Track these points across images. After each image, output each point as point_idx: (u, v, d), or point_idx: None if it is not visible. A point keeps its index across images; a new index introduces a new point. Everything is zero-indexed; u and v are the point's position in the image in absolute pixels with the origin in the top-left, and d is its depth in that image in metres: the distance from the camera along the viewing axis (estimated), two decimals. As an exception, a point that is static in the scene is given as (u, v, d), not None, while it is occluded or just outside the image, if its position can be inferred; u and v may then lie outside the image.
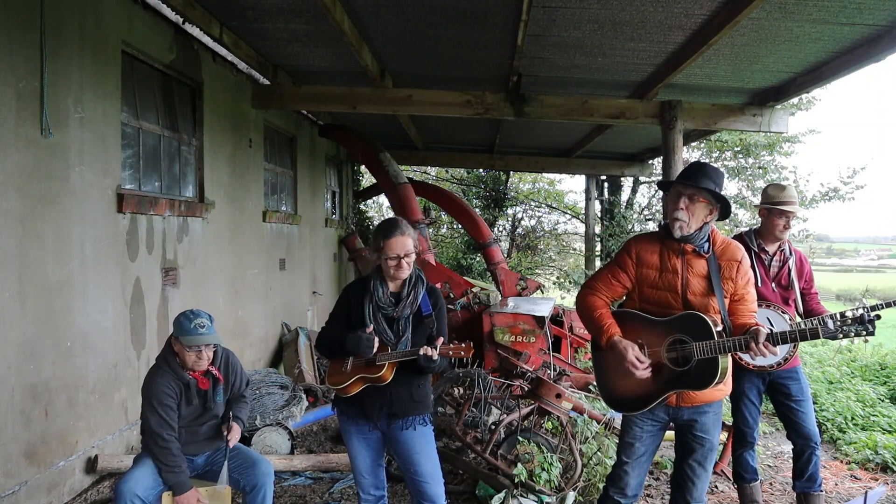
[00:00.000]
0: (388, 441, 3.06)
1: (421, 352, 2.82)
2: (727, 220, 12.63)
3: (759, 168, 12.36)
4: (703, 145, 12.66)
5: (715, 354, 2.68)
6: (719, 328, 2.74)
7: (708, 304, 2.79)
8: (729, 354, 2.72)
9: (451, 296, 7.62)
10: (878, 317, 2.66)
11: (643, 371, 2.75)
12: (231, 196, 6.43)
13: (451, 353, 2.89)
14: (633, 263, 2.91)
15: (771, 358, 3.65)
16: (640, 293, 2.91)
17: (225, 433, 3.35)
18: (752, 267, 3.83)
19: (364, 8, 4.87)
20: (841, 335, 2.69)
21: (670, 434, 3.10)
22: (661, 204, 7.34)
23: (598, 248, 13.39)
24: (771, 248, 3.89)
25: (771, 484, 4.84)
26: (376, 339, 2.89)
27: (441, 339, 2.88)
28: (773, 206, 3.81)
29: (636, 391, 2.85)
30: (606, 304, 2.95)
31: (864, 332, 2.67)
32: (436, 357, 2.83)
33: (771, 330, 2.67)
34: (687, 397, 2.83)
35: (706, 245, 2.84)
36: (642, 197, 14.42)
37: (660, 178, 8.99)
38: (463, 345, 2.90)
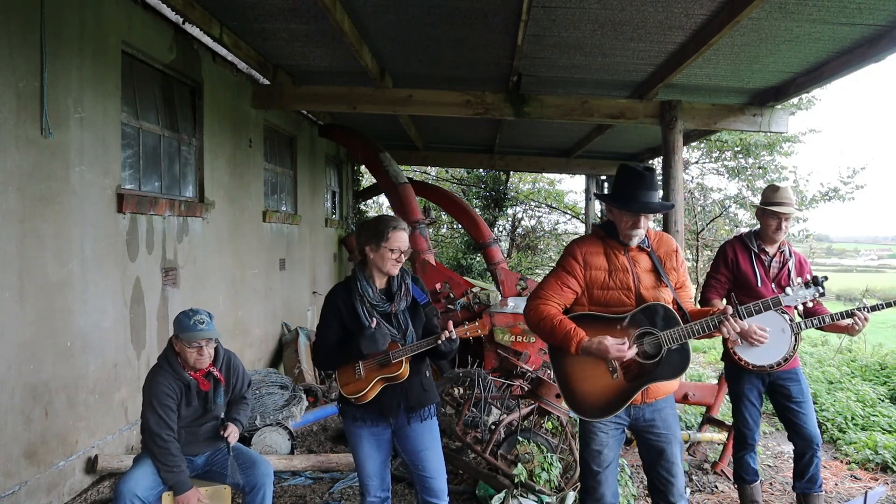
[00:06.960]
0: (397, 438, 3.06)
1: (443, 337, 2.86)
2: (727, 221, 12.64)
3: (759, 168, 12.36)
4: (703, 145, 12.66)
5: (685, 340, 2.75)
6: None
7: (658, 296, 2.82)
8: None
9: (451, 296, 7.61)
10: (826, 278, 2.84)
11: (630, 351, 2.72)
12: (231, 196, 6.43)
13: (468, 332, 2.93)
14: (580, 267, 2.88)
15: (770, 358, 3.68)
16: (589, 296, 2.88)
17: (223, 433, 3.36)
18: (752, 267, 3.85)
19: (364, 8, 4.87)
20: (798, 300, 2.79)
21: None
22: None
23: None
24: (771, 250, 3.88)
25: (771, 484, 4.84)
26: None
27: (451, 323, 2.93)
28: (765, 208, 3.81)
29: (609, 393, 2.81)
30: (559, 311, 2.88)
31: (818, 294, 2.80)
32: (455, 338, 2.89)
33: (736, 306, 2.73)
34: (651, 392, 2.84)
35: (646, 240, 2.90)
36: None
37: (660, 178, 8.97)
38: (477, 322, 2.94)
